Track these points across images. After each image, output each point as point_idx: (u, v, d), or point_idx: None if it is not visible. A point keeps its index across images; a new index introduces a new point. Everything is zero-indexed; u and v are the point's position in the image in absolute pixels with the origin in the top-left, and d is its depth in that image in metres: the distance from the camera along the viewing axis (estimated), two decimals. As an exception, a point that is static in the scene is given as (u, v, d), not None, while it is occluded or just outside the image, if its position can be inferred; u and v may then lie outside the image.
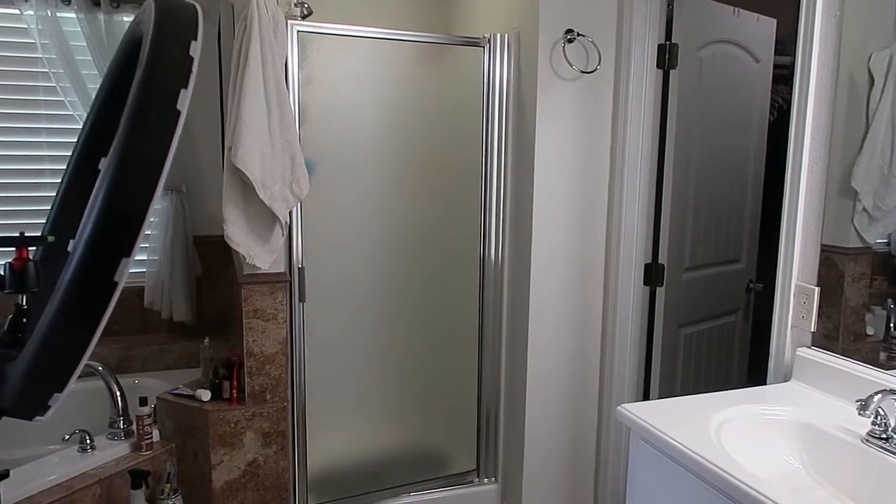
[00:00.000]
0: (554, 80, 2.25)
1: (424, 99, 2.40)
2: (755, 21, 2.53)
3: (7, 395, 0.86)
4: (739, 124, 2.55)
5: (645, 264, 2.36)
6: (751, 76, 2.55)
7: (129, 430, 2.33)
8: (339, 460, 2.45)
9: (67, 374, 0.82)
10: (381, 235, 2.41)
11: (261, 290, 2.20)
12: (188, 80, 0.79)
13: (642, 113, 2.26)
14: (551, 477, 2.48)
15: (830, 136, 1.58)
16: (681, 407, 1.48)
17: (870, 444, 1.29)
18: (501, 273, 2.52)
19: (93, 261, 0.77)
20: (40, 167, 2.95)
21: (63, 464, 2.14)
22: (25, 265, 0.96)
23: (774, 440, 1.41)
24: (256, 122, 2.00)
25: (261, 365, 2.24)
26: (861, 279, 1.54)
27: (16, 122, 2.90)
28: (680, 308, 2.44)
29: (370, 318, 2.43)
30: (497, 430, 2.62)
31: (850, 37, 1.54)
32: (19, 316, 0.99)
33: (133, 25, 1.01)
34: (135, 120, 0.77)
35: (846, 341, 1.56)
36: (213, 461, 2.21)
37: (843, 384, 1.51)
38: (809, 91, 1.60)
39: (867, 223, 1.53)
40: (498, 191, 2.48)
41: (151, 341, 3.05)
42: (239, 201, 2.07)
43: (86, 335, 0.80)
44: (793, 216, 1.65)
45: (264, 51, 2.01)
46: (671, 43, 2.26)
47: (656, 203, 2.35)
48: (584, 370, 2.46)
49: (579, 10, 2.24)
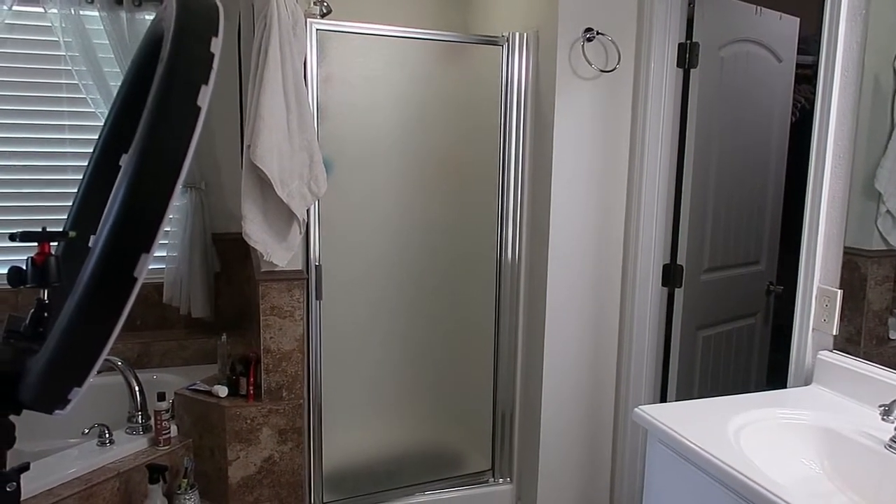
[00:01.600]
0: (573, 80, 2.24)
1: (442, 98, 2.40)
2: (778, 20, 2.49)
3: (28, 388, 0.87)
4: (760, 124, 2.52)
5: (663, 265, 2.34)
6: (773, 76, 2.52)
7: (148, 425, 2.36)
8: (354, 458, 2.46)
9: (87, 368, 0.83)
10: (398, 234, 2.41)
11: (278, 287, 2.21)
12: (209, 76, 0.79)
13: (662, 112, 2.24)
14: (566, 478, 2.47)
15: (854, 138, 1.56)
16: (699, 409, 1.46)
17: (893, 450, 1.26)
18: (518, 272, 2.51)
19: (113, 256, 0.78)
20: (63, 164, 2.99)
21: (82, 457, 2.16)
22: (47, 260, 0.97)
23: (794, 444, 1.39)
24: (275, 120, 2.01)
25: (277, 362, 2.25)
26: (884, 282, 1.51)
27: (39, 118, 2.94)
28: (698, 310, 2.41)
29: (386, 316, 2.43)
30: (512, 429, 2.61)
31: (875, 37, 1.51)
32: (40, 310, 1.00)
33: (154, 23, 1.02)
34: (156, 116, 0.77)
35: (868, 345, 1.53)
36: (229, 457, 2.23)
37: (866, 389, 1.48)
38: (833, 91, 1.57)
39: (891, 226, 1.50)
40: (515, 190, 2.48)
41: (170, 337, 3.08)
42: (257, 199, 2.08)
43: (106, 330, 0.80)
44: (815, 218, 1.63)
45: (283, 49, 2.02)
46: (692, 42, 2.24)
47: (675, 203, 2.33)
48: (600, 371, 2.45)
49: (599, 9, 2.22)
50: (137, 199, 0.77)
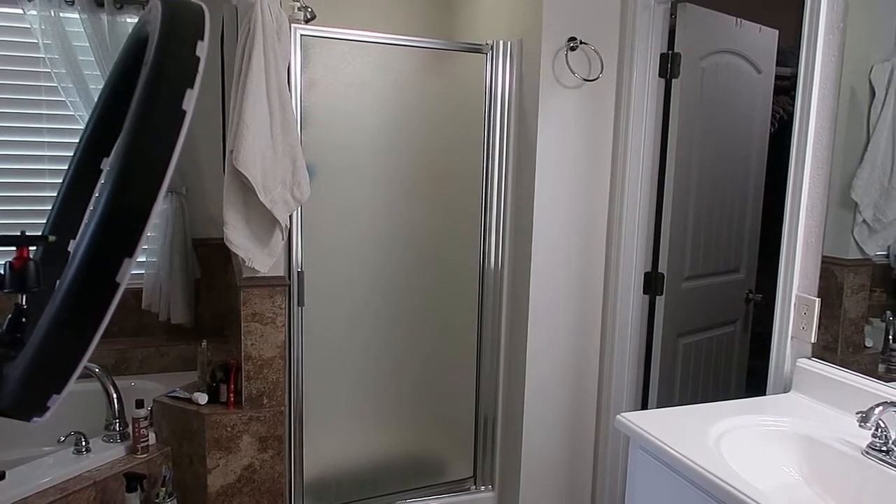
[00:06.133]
0: (556, 88, 2.25)
1: (426, 104, 2.40)
2: (757, 32, 2.53)
3: (5, 395, 0.85)
4: (741, 134, 2.55)
5: (645, 273, 2.35)
6: (752, 86, 2.56)
7: (125, 433, 2.32)
8: (335, 466, 2.44)
9: (67, 375, 0.82)
10: (381, 241, 2.40)
11: (260, 293, 2.19)
12: (195, 80, 0.78)
13: (644, 122, 2.26)
14: (548, 485, 2.47)
15: (833, 148, 1.58)
16: (680, 416, 1.47)
17: (870, 456, 1.28)
18: (501, 279, 2.52)
19: (95, 261, 0.77)
20: (41, 167, 2.95)
21: (58, 465, 2.12)
22: (26, 264, 0.95)
23: (774, 451, 1.40)
24: (258, 126, 2.00)
25: (258, 369, 2.23)
26: (860, 291, 1.54)
27: (17, 121, 2.90)
28: (679, 317, 2.43)
29: (369, 323, 2.42)
30: (494, 437, 2.61)
31: (852, 49, 1.54)
32: (18, 316, 0.98)
33: (139, 26, 1.01)
34: (140, 119, 0.76)
35: (845, 353, 1.56)
36: (208, 465, 2.20)
37: (844, 396, 1.50)
38: (812, 102, 1.60)
39: (867, 235, 1.53)
40: (498, 197, 2.48)
41: (149, 343, 3.04)
42: (239, 204, 2.07)
43: (86, 336, 0.79)
44: (794, 227, 1.65)
45: (267, 54, 2.01)
46: (673, 52, 2.26)
47: (657, 212, 2.35)
48: (582, 378, 2.45)
49: (582, 19, 2.24)
50: (121, 203, 0.76)
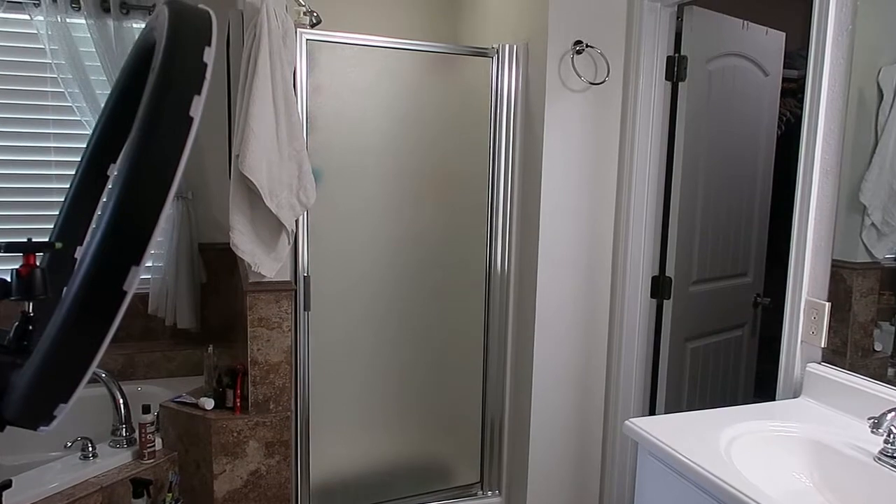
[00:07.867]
0: (562, 91, 2.25)
1: (432, 108, 2.40)
2: (764, 34, 2.52)
3: (11, 404, 0.85)
4: (748, 137, 2.54)
5: (652, 277, 2.34)
6: (759, 89, 2.55)
7: (132, 438, 2.32)
8: (342, 471, 2.43)
9: (74, 383, 0.81)
10: (388, 245, 2.40)
11: (266, 298, 2.19)
12: (202, 86, 0.78)
13: (650, 125, 2.25)
14: (555, 490, 2.46)
15: (841, 151, 1.57)
16: (690, 422, 1.46)
17: (882, 462, 1.27)
18: (508, 284, 2.51)
19: (102, 269, 0.76)
20: (48, 173, 2.96)
21: (65, 471, 2.12)
22: (32, 272, 0.95)
23: (785, 457, 1.39)
24: (264, 130, 2.00)
25: (265, 374, 2.23)
26: (869, 294, 1.52)
27: (24, 127, 2.91)
28: (687, 321, 2.42)
29: (375, 327, 2.42)
30: (501, 442, 2.60)
31: (860, 51, 1.53)
32: (25, 323, 0.98)
33: (146, 32, 1.00)
34: (147, 126, 0.76)
35: (854, 357, 1.54)
36: (215, 470, 2.20)
37: (854, 401, 1.49)
38: (821, 105, 1.59)
39: (876, 238, 1.51)
40: (505, 201, 2.48)
41: (155, 348, 3.04)
42: (245, 209, 2.07)
43: (93, 344, 0.78)
44: (803, 230, 1.64)
45: (273, 59, 2.01)
46: (680, 55, 2.26)
47: (664, 215, 2.34)
48: (589, 382, 2.44)
49: (588, 22, 2.24)
50: (128, 210, 0.75)
